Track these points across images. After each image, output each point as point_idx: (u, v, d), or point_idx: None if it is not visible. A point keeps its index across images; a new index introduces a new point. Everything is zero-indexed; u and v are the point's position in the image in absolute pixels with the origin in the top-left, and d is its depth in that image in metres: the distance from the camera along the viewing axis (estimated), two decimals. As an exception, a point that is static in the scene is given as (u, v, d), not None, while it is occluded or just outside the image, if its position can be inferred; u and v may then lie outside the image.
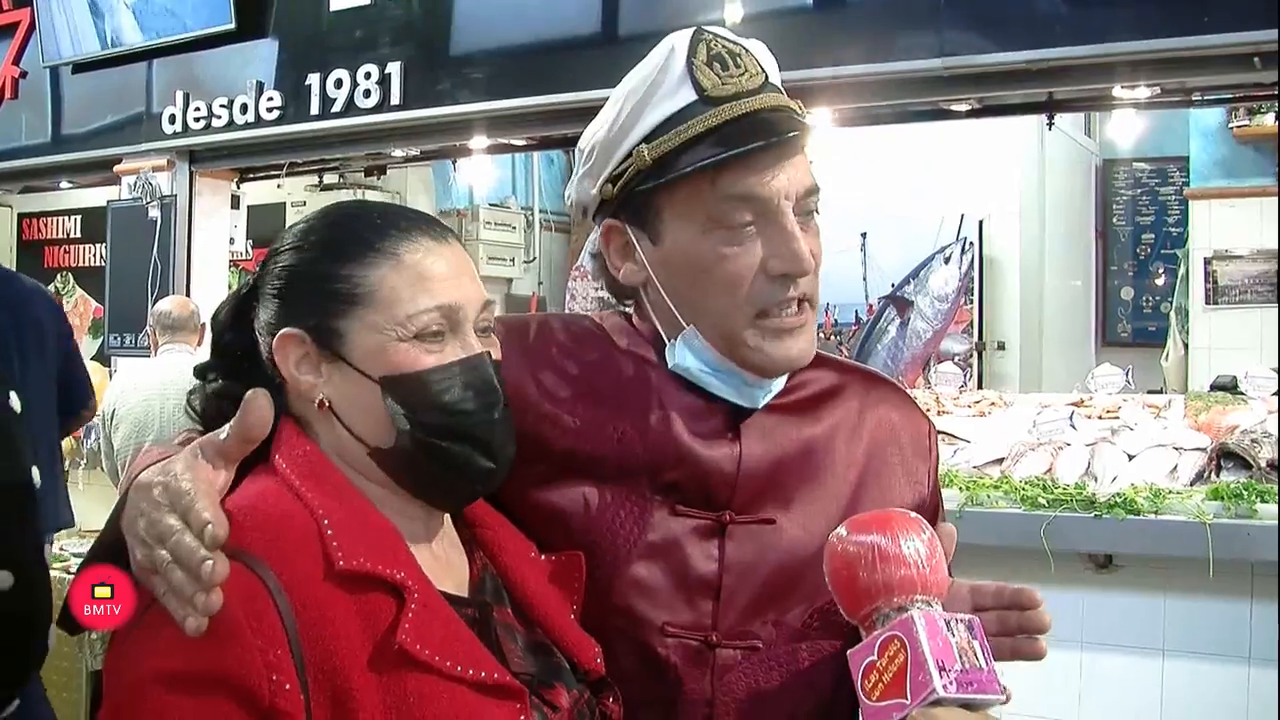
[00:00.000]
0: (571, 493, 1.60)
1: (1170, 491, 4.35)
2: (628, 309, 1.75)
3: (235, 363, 1.49)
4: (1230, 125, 7.79)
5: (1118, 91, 5.38)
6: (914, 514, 1.40)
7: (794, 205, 1.56)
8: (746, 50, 1.60)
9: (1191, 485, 4.44)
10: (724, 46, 1.59)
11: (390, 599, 1.32)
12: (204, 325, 6.10)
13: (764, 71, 1.60)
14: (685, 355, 1.61)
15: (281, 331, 1.40)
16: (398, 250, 1.40)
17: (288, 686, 1.22)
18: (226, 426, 1.30)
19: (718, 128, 1.53)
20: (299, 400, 1.43)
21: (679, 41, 1.59)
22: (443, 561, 1.47)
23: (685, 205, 1.56)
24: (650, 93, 1.57)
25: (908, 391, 1.89)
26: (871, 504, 1.65)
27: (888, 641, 1.30)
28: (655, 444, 1.60)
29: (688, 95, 1.55)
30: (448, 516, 1.51)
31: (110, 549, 1.32)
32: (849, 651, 1.34)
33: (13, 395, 1.89)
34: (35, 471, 1.90)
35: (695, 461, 1.60)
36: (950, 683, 1.25)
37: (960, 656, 1.28)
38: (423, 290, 1.38)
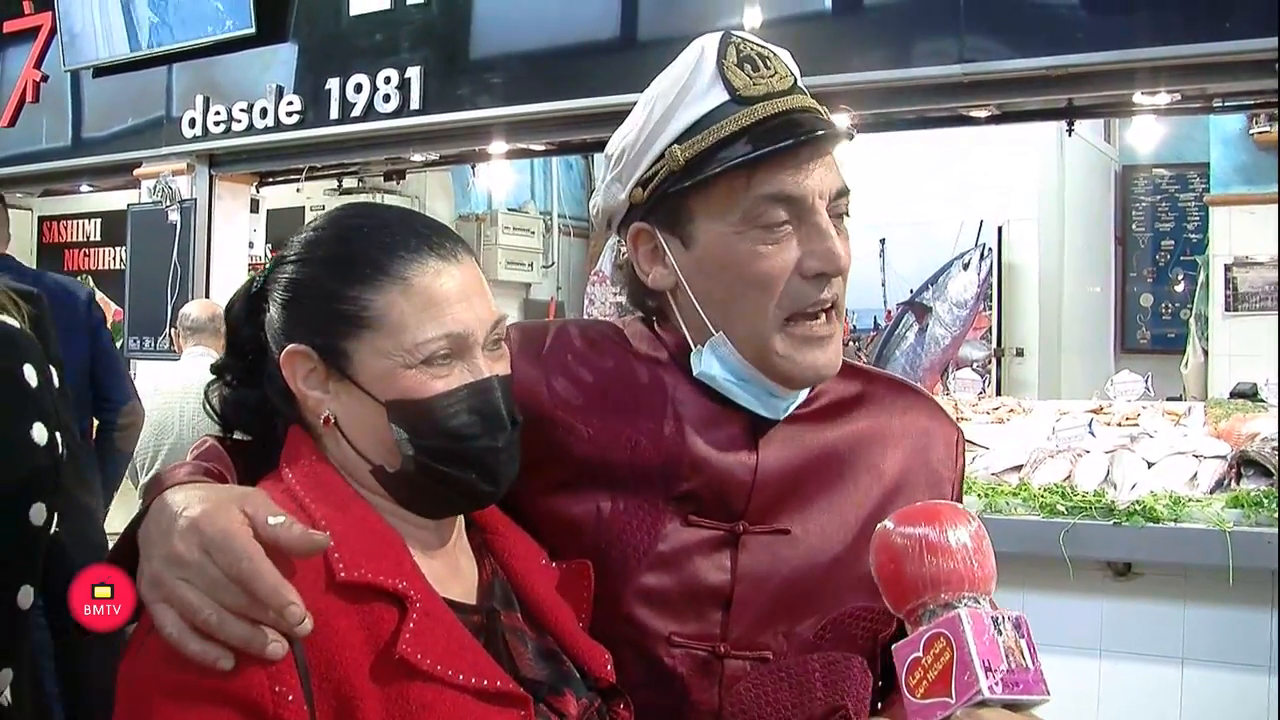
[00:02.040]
0: (584, 501, 1.60)
1: (1190, 499, 4.34)
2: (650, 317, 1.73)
3: (250, 364, 1.48)
4: (1251, 131, 7.76)
5: (1138, 97, 5.37)
6: (962, 506, 1.39)
7: (826, 205, 1.55)
8: (774, 54, 1.60)
9: (1211, 493, 4.42)
10: (753, 49, 1.58)
11: (392, 608, 1.32)
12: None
13: (793, 74, 1.60)
14: (711, 363, 1.60)
15: (289, 347, 1.40)
16: (406, 274, 1.38)
17: (290, 698, 1.22)
18: (287, 519, 1.24)
19: (751, 127, 1.53)
20: (306, 413, 1.43)
21: (708, 44, 1.58)
22: (451, 568, 1.46)
23: (719, 206, 1.54)
24: (681, 94, 1.56)
25: (935, 399, 1.87)
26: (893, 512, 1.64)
27: (934, 639, 1.28)
28: (669, 453, 1.59)
29: (720, 96, 1.54)
30: (460, 522, 1.51)
31: (127, 559, 1.29)
32: (894, 646, 1.32)
33: (38, 427, 1.80)
34: (40, 508, 1.81)
35: (710, 471, 1.59)
36: (996, 683, 1.23)
37: (1007, 656, 1.26)
38: (431, 318, 1.37)
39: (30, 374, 1.76)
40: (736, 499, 1.59)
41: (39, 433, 1.78)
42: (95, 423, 4.98)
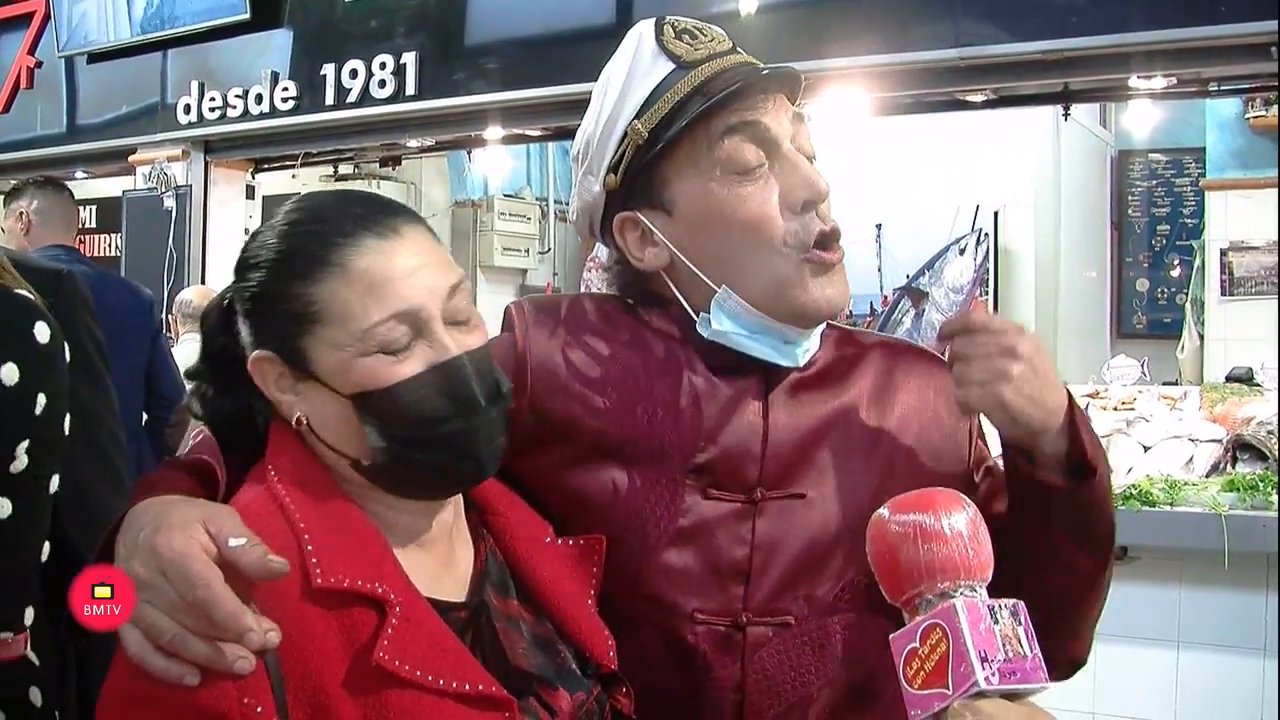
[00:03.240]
0: (600, 476, 1.58)
1: (1186, 483, 4.34)
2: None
3: (226, 372, 1.45)
4: (1247, 116, 7.74)
5: (1133, 82, 5.38)
6: (958, 493, 1.37)
7: (791, 139, 1.60)
8: (709, 25, 1.66)
9: (1207, 477, 4.43)
10: (688, 23, 1.64)
11: (371, 612, 1.29)
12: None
13: (730, 41, 1.65)
14: (721, 319, 1.60)
15: (254, 354, 1.37)
16: (343, 260, 1.33)
17: (259, 709, 1.20)
18: (249, 541, 1.21)
19: (702, 84, 1.57)
20: (284, 416, 1.41)
21: (645, 28, 1.64)
22: (444, 558, 1.44)
23: (689, 162, 1.58)
24: (630, 76, 1.61)
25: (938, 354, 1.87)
26: (908, 470, 1.63)
27: (930, 629, 1.27)
28: (685, 425, 1.59)
29: (665, 67, 1.59)
30: (458, 505, 1.48)
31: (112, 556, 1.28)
32: (891, 636, 1.31)
33: (40, 397, 1.87)
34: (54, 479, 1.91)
35: (724, 440, 1.58)
36: (993, 674, 1.22)
37: (1004, 645, 1.24)
38: (374, 300, 1.32)
39: (42, 332, 1.87)
40: (750, 467, 1.59)
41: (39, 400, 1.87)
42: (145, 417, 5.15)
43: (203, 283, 7.22)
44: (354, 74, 6.78)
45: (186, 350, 5.91)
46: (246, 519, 1.26)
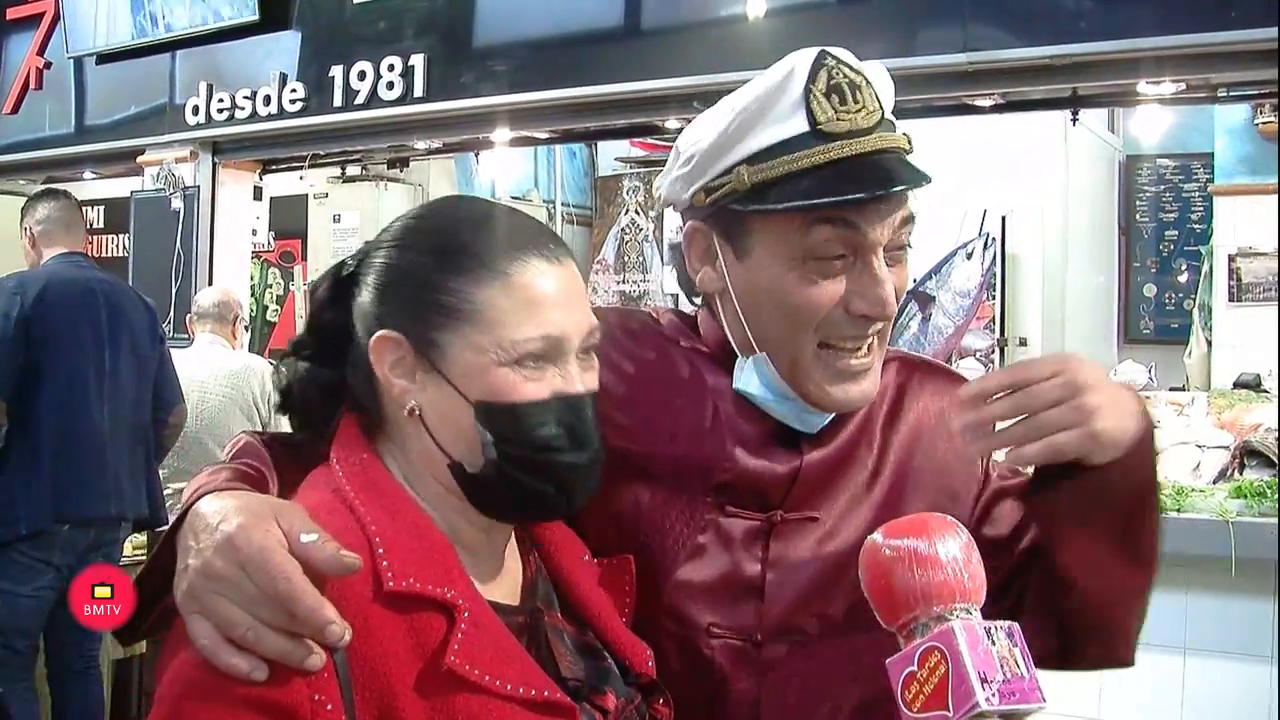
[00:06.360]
0: (624, 493, 1.59)
1: (1193, 489, 4.34)
2: (692, 311, 1.74)
3: (329, 345, 1.45)
4: (1255, 121, 7.72)
5: (1142, 87, 5.37)
6: (950, 517, 1.38)
7: (886, 241, 1.53)
8: (868, 82, 1.54)
9: (1214, 483, 4.43)
10: (845, 76, 1.52)
11: (441, 617, 1.30)
12: (237, 318, 6.12)
13: (881, 107, 1.54)
14: (752, 379, 1.59)
15: (380, 333, 1.37)
16: (509, 270, 1.36)
17: (329, 706, 1.21)
18: (321, 537, 1.22)
19: (825, 166, 1.48)
20: (387, 401, 1.40)
21: (800, 64, 1.52)
22: (499, 567, 1.46)
23: (778, 233, 1.52)
24: (762, 113, 1.52)
25: (951, 369, 1.87)
26: (923, 490, 1.64)
27: (928, 652, 1.28)
28: (709, 445, 1.60)
29: (800, 125, 1.50)
30: None
31: (166, 572, 1.27)
32: (888, 661, 1.32)
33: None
34: None
35: (751, 464, 1.59)
36: (993, 695, 1.23)
37: (1001, 666, 1.26)
38: (529, 317, 1.34)
39: None
40: (775, 491, 1.60)
41: None
42: None
43: (210, 283, 7.23)
44: (362, 75, 6.78)
45: (195, 355, 5.92)
46: (315, 518, 1.26)
